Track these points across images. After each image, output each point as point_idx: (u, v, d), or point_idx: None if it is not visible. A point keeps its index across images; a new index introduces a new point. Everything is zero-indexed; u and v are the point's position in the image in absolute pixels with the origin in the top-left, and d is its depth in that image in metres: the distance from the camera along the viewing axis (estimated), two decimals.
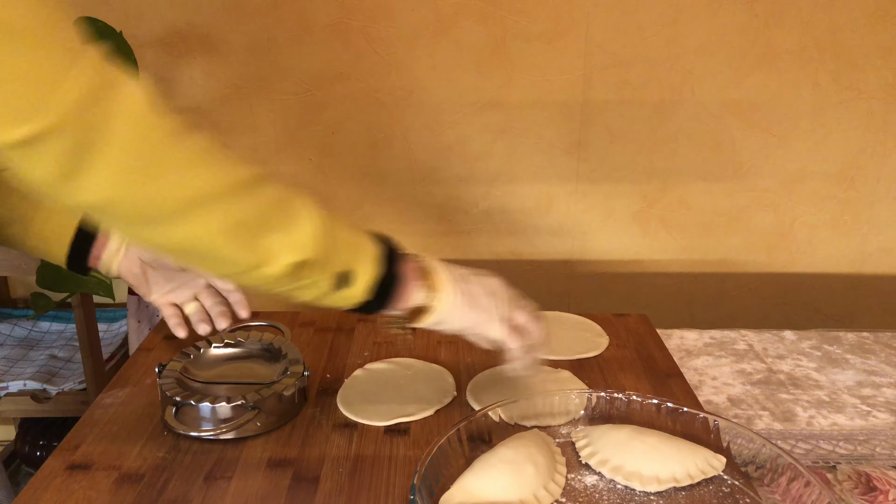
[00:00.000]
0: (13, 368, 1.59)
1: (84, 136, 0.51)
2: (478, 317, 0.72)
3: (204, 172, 0.57)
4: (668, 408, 0.77)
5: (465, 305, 0.71)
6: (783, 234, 1.91)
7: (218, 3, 1.72)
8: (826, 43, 1.75)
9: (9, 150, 0.51)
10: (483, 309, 0.72)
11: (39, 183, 0.54)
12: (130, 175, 0.54)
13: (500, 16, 1.73)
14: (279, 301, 2.01)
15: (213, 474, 0.71)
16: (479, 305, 0.72)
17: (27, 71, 0.49)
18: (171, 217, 0.57)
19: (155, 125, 0.55)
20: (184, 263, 0.67)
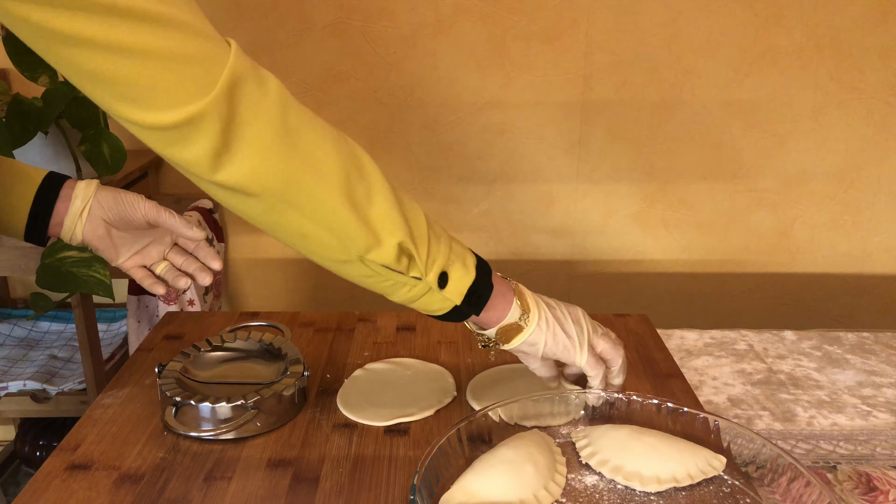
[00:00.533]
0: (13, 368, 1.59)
1: (235, 116, 0.57)
2: (565, 343, 0.74)
3: (330, 149, 0.63)
4: (668, 408, 0.77)
5: (553, 330, 0.74)
6: (783, 234, 1.91)
7: (218, 3, 1.72)
8: (826, 43, 1.75)
9: (169, 130, 0.57)
10: (569, 336, 0.74)
11: (190, 162, 0.59)
12: (273, 150, 0.59)
13: (500, 16, 1.73)
14: (279, 301, 2.00)
15: (213, 474, 0.71)
16: (565, 332, 0.74)
17: (190, 57, 0.54)
18: (306, 191, 0.62)
19: (292, 106, 0.61)
20: (304, 250, 0.68)
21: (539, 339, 0.73)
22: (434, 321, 1.02)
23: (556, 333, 0.74)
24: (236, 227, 1.91)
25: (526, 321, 0.73)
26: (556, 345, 0.74)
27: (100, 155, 1.49)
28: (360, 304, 1.99)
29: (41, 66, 1.42)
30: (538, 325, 0.73)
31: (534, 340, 0.73)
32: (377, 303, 2.07)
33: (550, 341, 0.74)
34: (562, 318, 0.75)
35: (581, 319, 0.77)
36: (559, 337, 0.74)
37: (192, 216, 0.85)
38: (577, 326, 0.75)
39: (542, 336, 0.73)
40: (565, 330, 0.74)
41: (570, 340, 0.74)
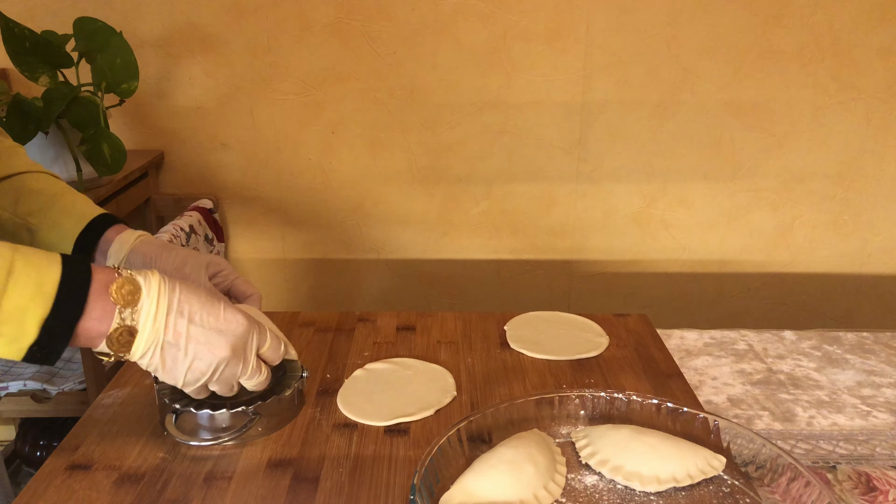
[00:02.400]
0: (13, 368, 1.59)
1: None
2: (170, 380, 0.67)
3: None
4: (668, 408, 0.77)
5: (161, 370, 0.65)
6: (783, 234, 1.91)
7: (218, 3, 1.72)
8: (826, 43, 1.75)
9: None
10: (175, 379, 0.67)
11: None
12: None
13: (500, 16, 1.73)
14: (279, 301, 2.00)
15: (213, 474, 0.71)
16: (172, 375, 0.66)
17: None
18: None
19: None
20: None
21: (145, 366, 0.66)
22: (434, 321, 1.02)
23: (158, 371, 0.66)
24: (236, 227, 1.91)
25: (124, 357, 0.64)
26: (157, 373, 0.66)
27: (100, 155, 1.49)
28: (360, 304, 1.99)
29: (41, 66, 1.42)
30: (142, 359, 0.65)
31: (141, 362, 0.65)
32: (377, 303, 2.08)
33: (152, 371, 0.66)
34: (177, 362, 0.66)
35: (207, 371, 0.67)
36: (160, 375, 0.67)
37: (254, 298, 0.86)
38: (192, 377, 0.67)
39: (145, 365, 0.65)
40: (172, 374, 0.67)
41: (173, 381, 0.67)
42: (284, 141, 1.84)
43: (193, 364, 0.66)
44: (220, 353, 0.67)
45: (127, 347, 0.63)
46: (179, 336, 0.65)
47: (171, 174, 1.87)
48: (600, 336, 0.99)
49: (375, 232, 1.92)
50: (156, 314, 0.64)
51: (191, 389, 0.69)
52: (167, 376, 0.67)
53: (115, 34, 1.50)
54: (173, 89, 1.80)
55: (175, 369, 0.66)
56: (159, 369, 0.66)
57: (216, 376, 0.68)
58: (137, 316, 0.63)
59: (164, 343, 0.64)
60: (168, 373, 0.66)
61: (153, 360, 0.65)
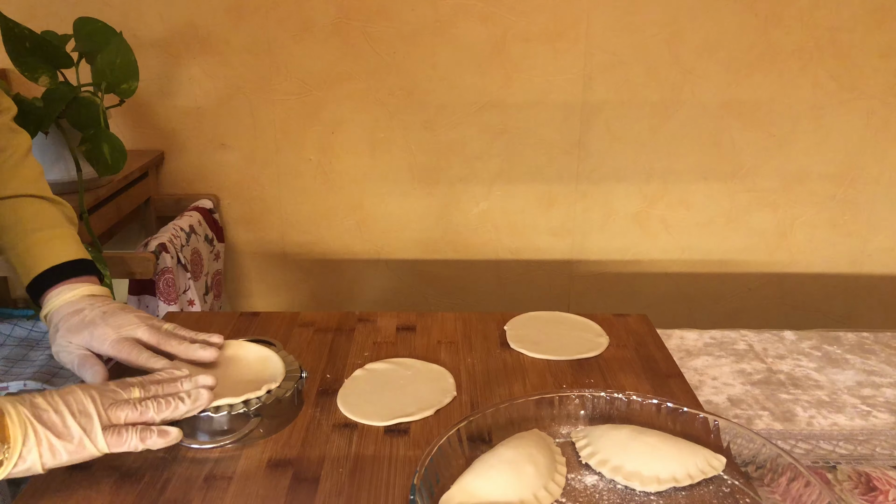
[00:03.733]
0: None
1: None
2: (68, 446, 0.64)
3: None
4: (668, 408, 0.77)
5: (49, 441, 0.64)
6: (783, 234, 1.91)
7: (218, 3, 1.72)
8: (826, 43, 1.75)
9: None
10: (70, 437, 0.64)
11: None
12: None
13: (500, 16, 1.73)
14: (279, 301, 2.00)
15: (213, 474, 0.71)
16: (64, 433, 0.64)
17: None
18: None
19: None
20: None
21: (34, 459, 0.63)
22: (434, 321, 1.02)
23: (53, 443, 0.64)
24: (237, 227, 1.91)
25: (6, 453, 0.61)
26: (56, 455, 0.64)
27: (100, 155, 1.49)
28: (360, 304, 1.99)
29: (41, 66, 1.42)
30: (26, 445, 0.62)
31: (28, 465, 0.63)
32: (377, 303, 2.08)
33: (48, 455, 0.64)
34: (56, 420, 0.64)
35: (87, 405, 0.66)
36: (57, 445, 0.64)
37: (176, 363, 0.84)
38: (83, 417, 0.65)
39: (35, 455, 0.63)
40: (62, 433, 0.64)
41: (72, 441, 0.64)
42: (284, 141, 1.84)
43: (72, 408, 0.65)
44: (78, 390, 0.67)
45: (3, 431, 0.62)
46: (40, 404, 0.65)
47: (171, 174, 1.87)
48: (600, 336, 0.99)
49: (375, 232, 1.92)
50: (7, 400, 0.64)
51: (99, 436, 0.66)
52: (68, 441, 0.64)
53: (115, 34, 1.50)
54: (173, 89, 1.80)
55: (63, 427, 0.65)
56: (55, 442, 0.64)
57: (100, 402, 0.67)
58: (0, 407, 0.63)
59: (35, 417, 0.64)
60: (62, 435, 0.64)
61: (42, 437, 0.63)
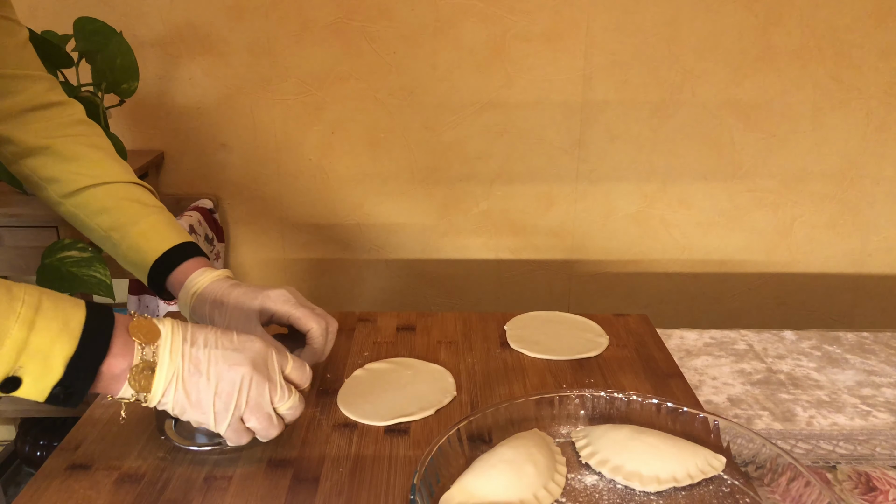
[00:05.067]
0: None
1: None
2: (198, 415, 0.66)
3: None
4: (668, 408, 0.77)
5: (183, 406, 0.65)
6: (783, 234, 1.91)
7: (218, 3, 1.72)
8: (826, 43, 1.75)
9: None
10: (204, 410, 0.65)
11: None
12: None
13: (500, 16, 1.73)
14: None
15: (212, 474, 0.71)
16: (201, 405, 0.65)
17: None
18: None
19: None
20: None
21: (168, 407, 0.65)
22: (434, 321, 1.02)
23: (185, 409, 0.65)
24: (237, 227, 1.91)
25: (146, 399, 0.64)
26: (184, 415, 0.66)
27: None
28: (360, 304, 1.99)
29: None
30: (164, 398, 0.64)
31: (164, 408, 0.66)
32: (377, 303, 2.08)
33: (178, 411, 0.66)
34: (202, 389, 0.65)
35: (234, 392, 0.66)
36: (188, 410, 0.65)
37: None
38: (221, 402, 0.65)
39: (170, 406, 0.65)
40: (200, 404, 0.65)
41: (203, 415, 0.66)
42: (284, 141, 1.84)
43: (219, 387, 0.65)
44: (241, 369, 0.66)
45: (148, 384, 0.63)
46: (199, 362, 0.65)
47: (171, 174, 1.87)
48: (600, 336, 0.99)
49: (375, 232, 1.92)
50: (172, 347, 0.64)
51: (225, 425, 0.66)
52: (196, 411, 0.65)
53: (115, 34, 1.50)
54: (173, 89, 1.80)
55: (201, 399, 0.65)
56: (186, 405, 0.65)
57: (245, 397, 0.66)
58: (157, 351, 0.64)
59: (184, 374, 0.64)
60: (195, 406, 0.65)
61: (177, 394, 0.64)
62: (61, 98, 0.89)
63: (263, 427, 0.68)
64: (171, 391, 0.64)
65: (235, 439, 0.68)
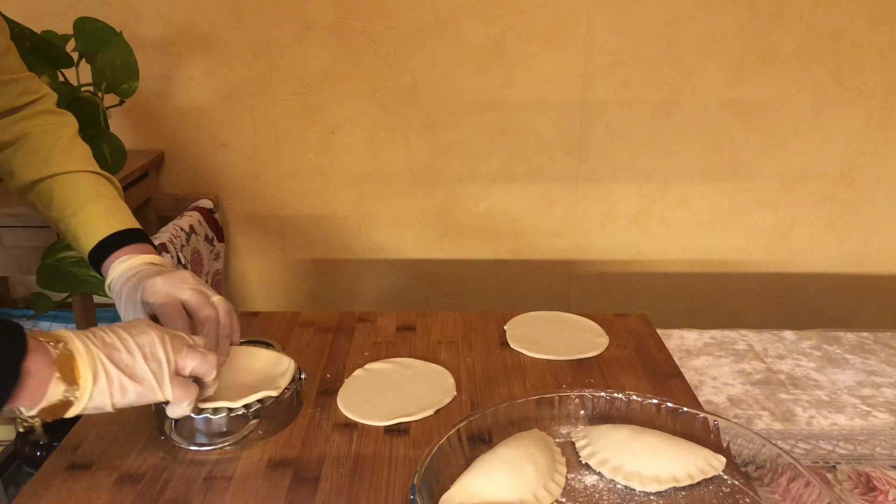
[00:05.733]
0: None
1: None
2: (138, 389, 0.65)
3: None
4: (668, 408, 0.77)
5: (120, 382, 0.64)
6: (783, 234, 1.91)
7: (218, 3, 1.72)
8: (826, 43, 1.75)
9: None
10: (141, 379, 0.65)
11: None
12: None
13: (500, 16, 1.73)
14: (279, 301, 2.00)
15: (213, 474, 0.71)
16: (136, 376, 0.65)
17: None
18: None
19: None
20: None
21: (104, 400, 0.64)
22: (434, 321, 1.02)
23: (124, 384, 0.64)
24: (237, 227, 1.91)
25: (75, 394, 0.62)
26: (126, 396, 0.65)
27: (100, 155, 1.49)
28: (360, 304, 1.99)
29: (41, 66, 1.42)
30: (97, 386, 0.63)
31: (98, 404, 0.64)
32: (377, 303, 2.08)
33: (119, 396, 0.64)
34: (129, 362, 0.65)
35: (157, 349, 0.66)
36: (129, 387, 0.65)
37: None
38: (154, 362, 0.66)
39: (106, 396, 0.64)
40: (135, 375, 0.65)
41: (143, 384, 0.65)
42: (284, 141, 1.84)
43: (143, 351, 0.65)
44: (149, 330, 0.67)
45: (74, 373, 0.62)
46: (110, 343, 0.65)
47: (171, 174, 1.87)
48: (600, 336, 0.99)
49: (375, 232, 1.92)
50: (79, 340, 0.64)
51: (167, 382, 0.66)
52: (135, 384, 0.65)
53: (115, 34, 1.50)
54: (173, 89, 1.80)
55: (134, 369, 0.65)
56: (125, 383, 0.64)
57: (168, 346, 0.67)
58: (68, 345, 0.63)
59: (106, 355, 0.64)
60: (133, 378, 0.64)
61: (109, 377, 0.63)
62: (33, 96, 0.90)
63: (201, 361, 0.69)
64: (100, 376, 0.63)
65: (184, 395, 0.68)
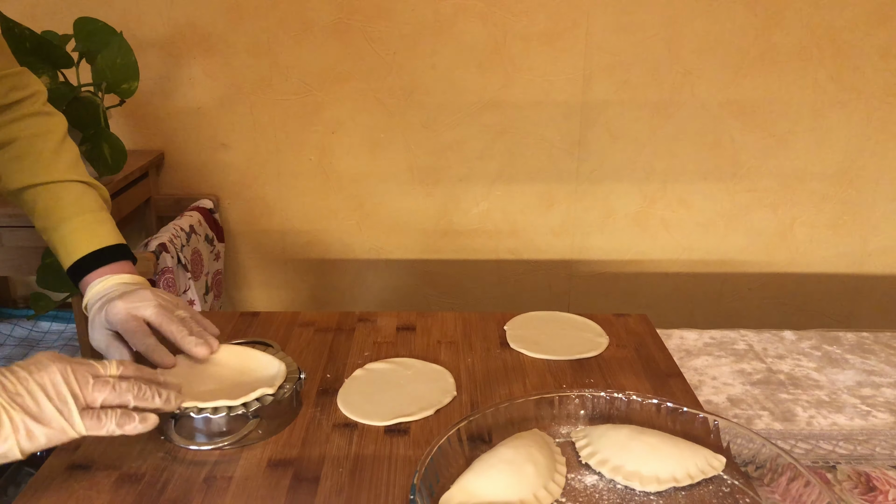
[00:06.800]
0: None
1: None
2: (47, 431, 0.62)
3: None
4: (668, 408, 0.77)
5: (27, 428, 0.61)
6: (783, 234, 1.91)
7: (218, 3, 1.72)
8: (826, 43, 1.75)
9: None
10: (49, 420, 0.61)
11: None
12: None
13: (500, 16, 1.73)
14: (279, 301, 2.00)
15: (213, 474, 0.71)
16: (43, 418, 0.61)
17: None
18: None
19: None
20: None
21: (10, 447, 0.60)
22: (434, 321, 1.02)
23: (31, 429, 0.61)
24: (237, 227, 1.91)
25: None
26: (34, 441, 0.61)
27: (100, 155, 1.49)
28: (360, 304, 1.99)
29: (41, 66, 1.42)
30: (1, 434, 0.60)
31: (6, 451, 0.60)
32: (377, 303, 2.08)
33: (26, 441, 0.61)
34: (31, 405, 0.61)
35: (60, 386, 0.62)
36: (35, 431, 0.61)
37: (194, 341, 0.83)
38: (59, 401, 0.62)
39: (12, 443, 0.60)
40: (41, 417, 0.61)
41: (50, 427, 0.61)
42: (284, 141, 1.84)
43: (46, 389, 0.62)
44: (50, 365, 0.63)
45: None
46: (11, 387, 0.62)
47: (171, 174, 1.87)
48: (600, 336, 0.99)
49: (375, 232, 1.92)
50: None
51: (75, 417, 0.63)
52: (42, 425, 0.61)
53: (115, 34, 1.50)
54: (173, 89, 1.80)
55: (40, 410, 0.61)
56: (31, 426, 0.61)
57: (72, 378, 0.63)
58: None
59: (9, 402, 0.61)
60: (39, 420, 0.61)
61: (17, 421, 0.60)
62: (23, 93, 0.87)
63: (110, 392, 0.65)
64: (4, 423, 0.60)
65: (96, 427, 0.64)
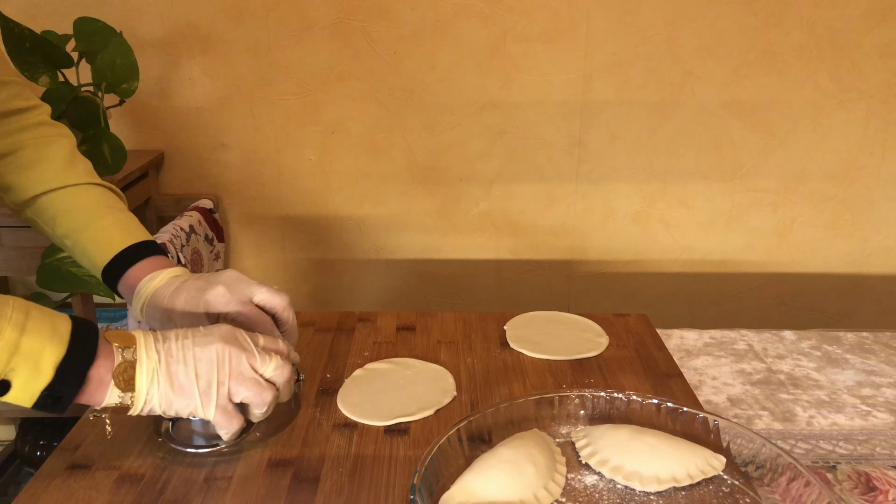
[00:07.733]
0: None
1: None
2: (182, 403, 0.67)
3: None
4: (668, 408, 0.77)
5: (167, 395, 0.66)
6: (783, 234, 1.91)
7: (218, 3, 1.72)
8: (826, 43, 1.75)
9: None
10: (189, 394, 0.67)
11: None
12: None
13: (500, 16, 1.73)
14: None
15: (212, 474, 0.71)
16: (184, 390, 0.66)
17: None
18: None
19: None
20: None
21: (155, 406, 0.67)
22: (434, 321, 1.02)
23: (171, 400, 0.66)
24: (236, 227, 1.91)
25: (131, 399, 0.65)
26: (171, 407, 0.67)
27: (100, 155, 1.49)
28: (360, 304, 1.99)
29: (41, 66, 1.42)
30: (149, 395, 0.66)
31: (151, 410, 0.67)
32: (377, 303, 2.08)
33: (166, 406, 0.67)
34: (182, 375, 0.66)
35: (213, 369, 0.67)
36: (174, 401, 0.66)
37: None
38: (203, 381, 0.67)
39: (156, 404, 0.66)
40: (183, 389, 0.66)
41: (188, 399, 0.67)
42: (284, 141, 1.84)
43: (198, 368, 0.67)
44: (214, 346, 0.68)
45: (131, 382, 0.65)
46: (173, 353, 0.67)
47: (171, 174, 1.87)
48: (600, 336, 0.99)
49: (375, 232, 1.92)
50: (146, 346, 0.67)
51: (212, 406, 0.67)
52: (181, 398, 0.67)
53: (115, 34, 1.50)
54: (173, 89, 1.80)
55: (183, 384, 0.66)
56: (171, 396, 0.66)
57: (226, 370, 0.68)
58: (135, 351, 0.66)
59: (163, 365, 0.66)
60: (179, 393, 0.66)
61: (161, 387, 0.66)
62: (27, 103, 0.87)
63: (254, 393, 0.69)
64: (154, 386, 0.66)
65: (225, 423, 0.69)
